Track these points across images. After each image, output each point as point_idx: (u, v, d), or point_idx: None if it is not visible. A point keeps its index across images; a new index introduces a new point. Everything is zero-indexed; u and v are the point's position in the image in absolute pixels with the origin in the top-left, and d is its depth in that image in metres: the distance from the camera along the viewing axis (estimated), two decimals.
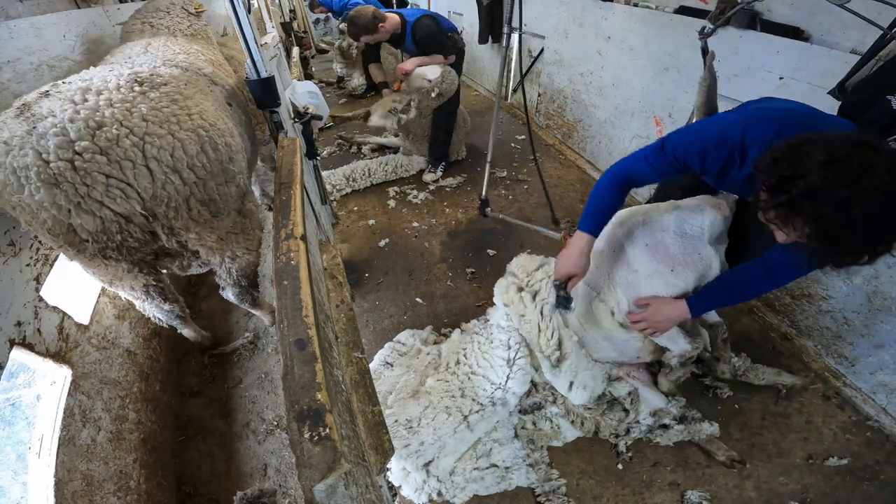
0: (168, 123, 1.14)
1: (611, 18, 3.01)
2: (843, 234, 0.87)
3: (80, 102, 1.05)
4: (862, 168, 0.83)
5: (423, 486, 1.57)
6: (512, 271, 1.90)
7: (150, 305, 1.56)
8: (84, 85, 1.11)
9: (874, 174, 0.82)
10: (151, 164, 1.10)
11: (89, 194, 1.03)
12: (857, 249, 0.90)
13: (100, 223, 1.08)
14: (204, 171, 1.21)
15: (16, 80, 1.53)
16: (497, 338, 1.81)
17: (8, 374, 1.23)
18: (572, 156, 3.80)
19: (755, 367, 1.87)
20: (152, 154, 1.09)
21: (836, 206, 0.85)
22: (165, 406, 1.83)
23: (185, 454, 1.77)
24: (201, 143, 1.20)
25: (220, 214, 1.32)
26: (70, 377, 1.39)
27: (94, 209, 1.06)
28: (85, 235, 1.10)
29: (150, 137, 1.09)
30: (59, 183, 1.00)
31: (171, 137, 1.13)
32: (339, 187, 3.54)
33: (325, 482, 0.57)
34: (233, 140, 1.34)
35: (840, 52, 1.68)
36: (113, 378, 1.59)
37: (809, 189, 0.87)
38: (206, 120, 1.23)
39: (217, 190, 1.27)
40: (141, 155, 1.08)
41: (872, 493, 1.53)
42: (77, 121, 1.01)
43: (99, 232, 1.10)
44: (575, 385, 1.66)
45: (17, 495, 1.21)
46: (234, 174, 1.34)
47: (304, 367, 0.70)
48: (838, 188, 0.84)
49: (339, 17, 6.13)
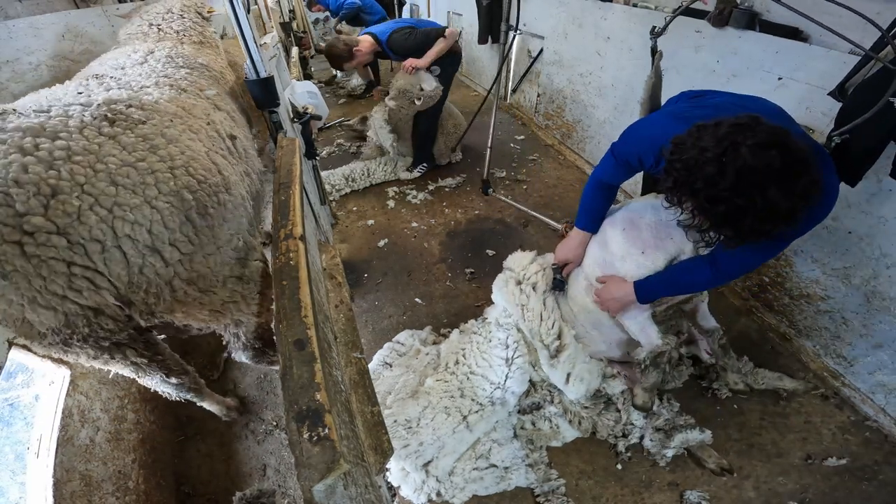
0: (144, 187, 0.89)
1: (610, 19, 3.01)
2: (715, 207, 0.98)
3: (29, 151, 0.78)
4: (728, 147, 0.94)
5: (423, 486, 1.57)
6: (508, 266, 1.93)
7: (151, 381, 1.24)
8: (36, 123, 0.83)
9: (737, 152, 0.93)
10: (124, 245, 0.86)
11: (47, 287, 0.79)
12: (731, 222, 1.00)
13: (62, 318, 0.85)
14: (190, 246, 0.97)
15: (14, 80, 1.53)
16: (496, 336, 1.81)
17: (6, 375, 1.22)
18: (571, 156, 3.81)
19: (756, 371, 1.88)
20: (125, 232, 0.85)
21: (705, 182, 0.97)
22: (164, 406, 1.82)
23: (184, 454, 1.76)
24: (186, 211, 0.95)
25: (212, 289, 1.09)
26: (68, 377, 1.38)
27: (55, 304, 0.82)
28: (43, 329, 0.86)
29: (121, 209, 0.85)
30: (5, 273, 0.75)
31: (147, 207, 0.89)
32: (339, 187, 3.54)
33: (324, 482, 0.57)
34: (228, 196, 1.11)
35: (839, 52, 1.68)
36: (111, 378, 1.59)
37: (684, 168, 1.00)
38: (192, 175, 0.98)
39: (206, 262, 1.04)
40: (111, 233, 0.84)
41: (871, 492, 1.53)
42: (25, 184, 0.74)
43: (62, 326, 0.87)
44: (572, 377, 1.67)
45: (15, 495, 1.20)
46: (230, 237, 1.11)
47: (303, 367, 0.70)
48: (705, 166, 0.96)
49: (336, 17, 6.15)
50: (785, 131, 0.97)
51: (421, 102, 3.20)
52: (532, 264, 1.85)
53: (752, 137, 0.94)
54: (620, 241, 1.53)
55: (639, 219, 1.51)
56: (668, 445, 1.64)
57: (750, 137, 0.94)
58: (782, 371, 1.91)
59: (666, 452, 1.64)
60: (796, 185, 0.94)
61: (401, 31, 3.15)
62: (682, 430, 1.66)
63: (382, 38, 3.19)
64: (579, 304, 1.67)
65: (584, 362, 1.69)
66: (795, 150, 0.94)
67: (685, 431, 1.65)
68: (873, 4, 1.58)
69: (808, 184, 0.94)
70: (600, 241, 1.61)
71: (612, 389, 1.76)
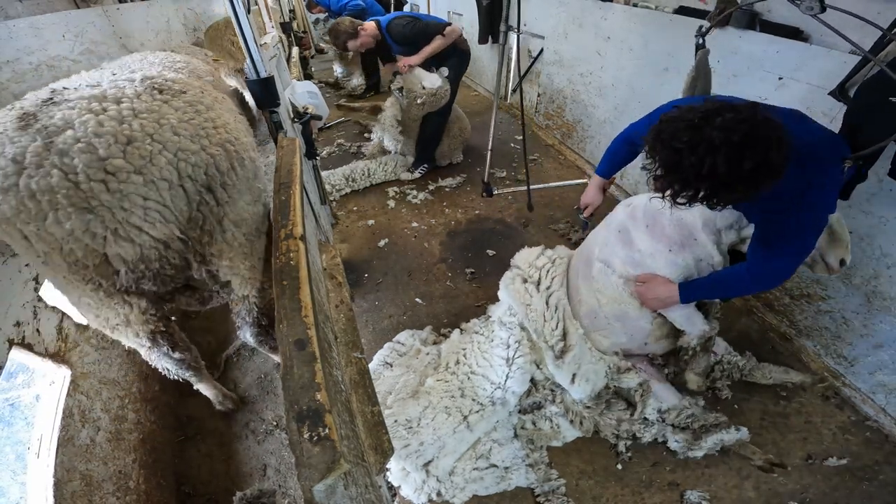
0: (199, 138, 1.04)
1: (610, 19, 3.01)
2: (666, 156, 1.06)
3: (100, 112, 0.92)
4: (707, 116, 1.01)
5: (423, 486, 1.57)
6: (515, 264, 1.94)
7: (157, 354, 1.36)
8: (97, 92, 0.97)
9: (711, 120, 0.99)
10: (186, 184, 1.01)
11: (127, 220, 0.93)
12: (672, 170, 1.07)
13: (138, 251, 0.98)
14: (235, 190, 1.13)
15: (15, 80, 1.53)
16: (498, 335, 1.81)
17: (7, 375, 1.23)
18: (572, 156, 3.81)
19: (761, 365, 1.87)
20: (187, 173, 1.00)
21: (670, 135, 1.04)
22: (165, 406, 1.83)
23: (185, 454, 1.77)
24: (230, 160, 1.11)
25: (252, 237, 1.24)
26: (69, 377, 1.38)
27: (133, 235, 0.96)
28: (120, 265, 0.99)
29: (184, 154, 1.00)
30: (92, 208, 0.89)
31: (204, 154, 1.04)
32: (339, 187, 3.53)
33: (324, 482, 0.57)
34: (255, 155, 1.26)
35: (839, 52, 1.68)
36: (112, 378, 1.59)
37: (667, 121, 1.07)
38: (230, 133, 1.14)
39: (247, 209, 1.20)
40: (176, 174, 0.99)
41: (872, 492, 1.53)
42: (104, 135, 0.90)
43: (137, 260, 1.00)
44: (578, 377, 1.67)
45: (16, 495, 1.20)
46: (261, 192, 1.27)
47: (303, 367, 0.70)
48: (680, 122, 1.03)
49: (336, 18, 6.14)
50: (768, 121, 1.00)
51: (424, 100, 3.19)
52: (539, 258, 1.87)
53: (731, 112, 1.00)
54: (646, 239, 1.56)
55: (660, 215, 1.53)
56: (698, 446, 1.62)
57: (730, 112, 1.00)
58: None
59: (696, 453, 1.62)
60: (744, 161, 0.98)
61: (401, 20, 3.16)
62: (715, 430, 1.64)
63: (383, 23, 3.22)
64: (608, 296, 1.66)
65: (590, 362, 1.69)
66: (762, 133, 0.98)
67: (721, 431, 1.63)
68: (874, 4, 1.58)
69: (759, 166, 0.99)
70: (624, 239, 1.62)
71: (627, 383, 1.74)
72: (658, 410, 1.70)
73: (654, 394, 1.71)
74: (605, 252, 1.67)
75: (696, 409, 1.70)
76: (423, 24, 3.15)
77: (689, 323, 1.59)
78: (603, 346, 1.74)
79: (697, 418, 1.67)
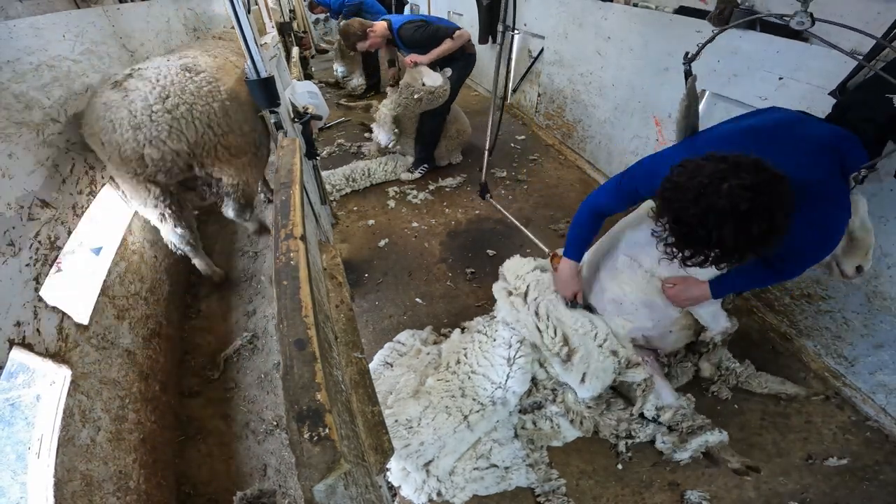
0: (206, 97, 1.67)
1: (610, 18, 3.01)
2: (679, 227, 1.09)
3: (154, 82, 1.61)
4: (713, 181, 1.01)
5: (423, 486, 1.57)
6: (503, 274, 1.95)
7: (166, 228, 1.92)
8: (154, 73, 1.65)
9: (718, 189, 0.99)
10: (195, 122, 1.63)
11: (158, 136, 1.56)
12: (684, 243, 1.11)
13: (159, 154, 1.60)
14: (227, 127, 1.72)
15: (15, 80, 1.53)
16: (501, 335, 1.81)
17: (7, 375, 1.23)
18: (572, 156, 3.81)
19: (758, 374, 1.88)
20: (196, 116, 1.63)
21: (679, 205, 1.06)
22: (165, 406, 1.82)
23: (185, 454, 1.77)
24: (225, 111, 1.71)
25: (238, 155, 1.83)
26: (69, 377, 1.38)
27: (159, 145, 1.58)
28: (149, 162, 1.60)
29: (196, 106, 1.63)
30: (140, 127, 1.54)
31: (207, 106, 1.66)
32: (339, 187, 3.54)
33: (324, 482, 0.57)
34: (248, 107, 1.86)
35: (839, 52, 1.67)
36: (112, 378, 1.59)
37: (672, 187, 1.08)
38: (229, 94, 1.75)
39: (235, 140, 1.78)
40: (190, 116, 1.61)
41: (872, 493, 1.53)
42: (153, 94, 1.57)
43: (158, 160, 1.61)
44: (588, 376, 1.66)
45: (16, 495, 1.21)
46: (248, 131, 1.86)
47: (303, 367, 0.70)
48: (687, 192, 1.04)
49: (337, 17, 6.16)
50: (775, 178, 1.01)
51: (421, 96, 3.19)
52: (530, 273, 1.87)
53: (736, 178, 0.99)
54: None
55: None
56: (682, 448, 1.62)
57: (735, 178, 0.99)
58: (783, 371, 1.91)
59: (682, 455, 1.62)
60: (752, 228, 1.00)
61: (412, 24, 3.20)
62: (699, 432, 1.64)
63: (395, 26, 3.25)
64: (634, 286, 1.68)
65: (598, 360, 1.69)
66: (769, 198, 0.99)
67: (703, 433, 1.63)
68: (874, 4, 1.58)
69: (767, 230, 1.00)
70: None
71: (633, 378, 1.73)
72: (655, 408, 1.70)
73: (656, 391, 1.71)
74: (634, 249, 1.68)
75: (689, 410, 1.71)
76: (433, 28, 3.20)
77: (714, 320, 1.64)
78: (624, 330, 1.74)
79: (687, 418, 1.68)
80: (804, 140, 1.22)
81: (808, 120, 1.33)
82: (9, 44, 1.57)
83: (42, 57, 1.70)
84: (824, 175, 1.16)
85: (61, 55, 1.82)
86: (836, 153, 1.19)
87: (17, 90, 1.52)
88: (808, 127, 1.27)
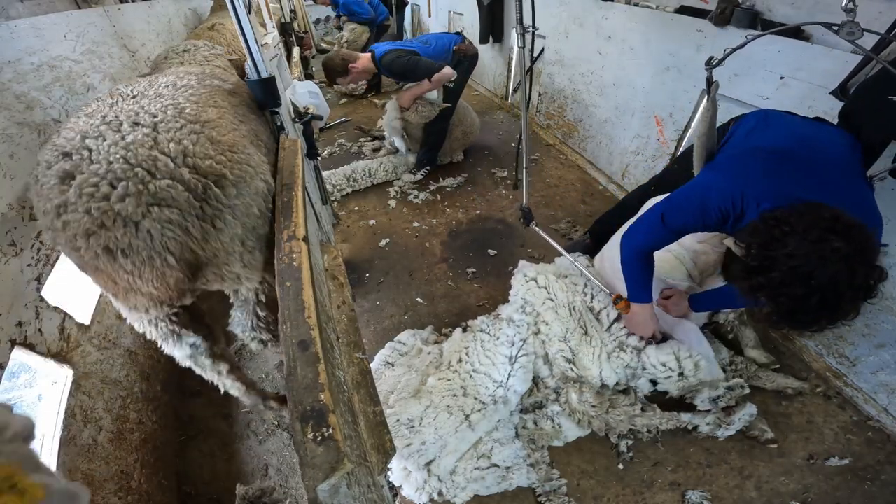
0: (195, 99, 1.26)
1: (611, 18, 3.01)
2: (797, 317, 1.05)
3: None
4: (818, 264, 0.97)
5: (424, 485, 1.58)
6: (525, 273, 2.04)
7: None
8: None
9: (825, 267, 0.96)
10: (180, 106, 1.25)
11: None
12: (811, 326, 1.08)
13: None
14: None
15: (16, 81, 1.53)
16: (505, 333, 1.82)
17: (9, 375, 1.23)
18: (573, 156, 3.80)
19: (765, 371, 1.89)
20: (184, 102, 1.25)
21: (792, 299, 1.02)
22: (166, 406, 1.83)
23: (187, 454, 1.77)
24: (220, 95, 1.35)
25: None
26: (71, 377, 1.39)
27: None
28: None
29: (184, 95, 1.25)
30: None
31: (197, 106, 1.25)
32: (340, 187, 3.54)
33: (328, 482, 0.57)
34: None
35: (841, 51, 1.68)
36: (114, 378, 1.59)
37: (773, 283, 1.04)
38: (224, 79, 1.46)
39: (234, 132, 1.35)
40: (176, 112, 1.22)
41: (873, 493, 1.53)
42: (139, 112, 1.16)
43: None
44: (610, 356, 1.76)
45: None
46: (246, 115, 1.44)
47: (307, 368, 0.70)
48: (794, 284, 1.01)
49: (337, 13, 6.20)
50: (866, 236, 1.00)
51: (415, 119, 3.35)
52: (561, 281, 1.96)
53: (835, 253, 0.96)
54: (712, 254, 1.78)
55: None
56: (728, 424, 1.68)
57: (834, 253, 0.96)
58: (785, 371, 1.91)
59: (728, 432, 1.68)
60: (863, 293, 1.00)
61: (392, 53, 3.07)
62: (737, 409, 1.70)
63: (378, 55, 3.12)
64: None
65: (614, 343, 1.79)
66: (873, 257, 0.99)
67: (743, 408, 1.69)
68: (875, 4, 1.58)
69: (872, 285, 1.00)
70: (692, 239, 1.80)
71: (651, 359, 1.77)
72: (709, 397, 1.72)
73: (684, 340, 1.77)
74: None
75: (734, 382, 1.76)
76: (413, 60, 3.03)
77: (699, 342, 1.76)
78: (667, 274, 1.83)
79: (735, 391, 1.73)
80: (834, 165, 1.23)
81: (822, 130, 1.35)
82: (10, 44, 1.57)
83: (43, 57, 1.71)
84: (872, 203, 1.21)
85: (62, 55, 1.82)
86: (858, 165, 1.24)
87: (18, 90, 1.52)
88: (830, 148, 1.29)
